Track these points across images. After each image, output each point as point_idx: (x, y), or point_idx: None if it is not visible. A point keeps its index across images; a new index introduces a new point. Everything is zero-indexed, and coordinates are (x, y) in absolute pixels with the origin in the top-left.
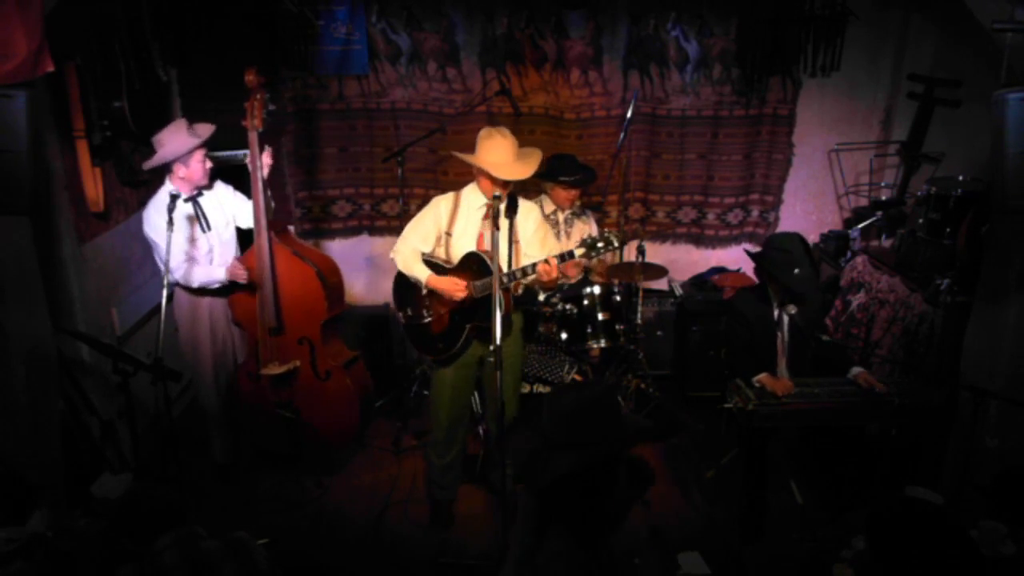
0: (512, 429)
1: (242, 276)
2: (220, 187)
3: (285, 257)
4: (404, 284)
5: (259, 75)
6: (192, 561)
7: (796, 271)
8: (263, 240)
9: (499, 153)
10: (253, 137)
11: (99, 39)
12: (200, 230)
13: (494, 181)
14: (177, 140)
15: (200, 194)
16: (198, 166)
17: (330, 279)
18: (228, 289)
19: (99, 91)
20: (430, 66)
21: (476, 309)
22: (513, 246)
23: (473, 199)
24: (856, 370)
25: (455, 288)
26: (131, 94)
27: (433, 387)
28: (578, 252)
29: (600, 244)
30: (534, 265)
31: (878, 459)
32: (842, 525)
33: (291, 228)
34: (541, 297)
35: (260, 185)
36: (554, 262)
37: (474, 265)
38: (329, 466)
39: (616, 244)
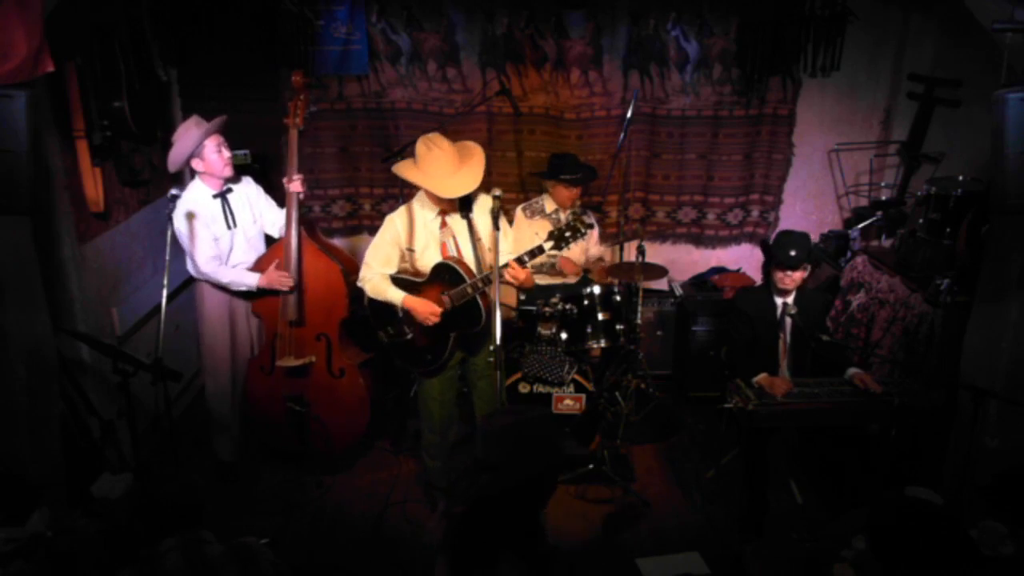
0: (455, 448)
1: (286, 284)
2: (250, 185)
3: (312, 252)
4: (380, 303)
5: (305, 77)
6: (194, 566)
7: (792, 252)
8: (292, 233)
9: (441, 167)
10: (293, 134)
11: (99, 39)
12: (227, 226)
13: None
14: (187, 135)
15: (229, 190)
16: (215, 157)
17: (352, 278)
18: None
19: (99, 91)
20: (430, 66)
21: (458, 318)
22: (476, 244)
23: (426, 211)
24: (852, 371)
25: (428, 312)
26: (131, 94)
27: (421, 394)
28: (547, 246)
29: (567, 233)
30: (505, 266)
31: (878, 459)
32: (842, 525)
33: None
34: (522, 296)
35: (295, 202)
36: (515, 265)
37: (445, 275)
38: (329, 466)
39: (583, 231)
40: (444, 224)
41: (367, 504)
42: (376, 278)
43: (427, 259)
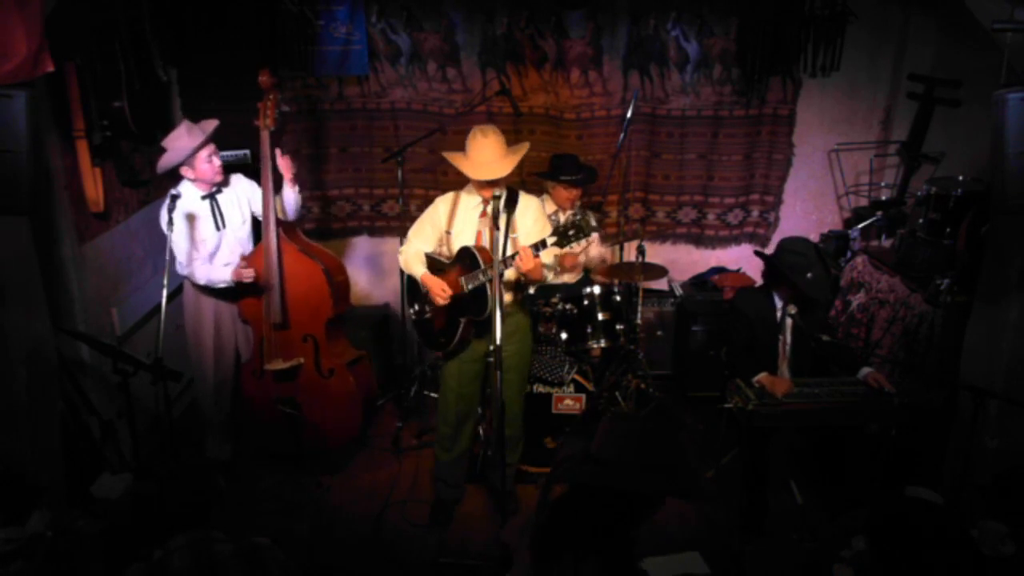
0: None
1: (248, 276)
2: (241, 182)
3: (292, 254)
4: (413, 281)
5: (272, 76)
6: (201, 565)
7: (809, 275)
8: (271, 236)
9: (478, 153)
10: (265, 136)
11: (99, 39)
12: (215, 227)
13: (476, 181)
14: (178, 144)
15: (219, 191)
16: (205, 167)
17: (336, 277)
18: (237, 288)
19: (99, 91)
20: (430, 66)
21: (468, 304)
22: (509, 240)
23: (470, 198)
24: (866, 370)
25: (439, 291)
26: (131, 94)
27: (441, 382)
28: (550, 240)
29: (571, 232)
30: (514, 255)
31: (878, 459)
32: (842, 525)
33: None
34: (531, 290)
35: (270, 183)
36: (528, 251)
37: (466, 260)
38: (329, 466)
39: (587, 232)
40: (484, 214)
41: (367, 504)
42: (411, 253)
43: (460, 243)
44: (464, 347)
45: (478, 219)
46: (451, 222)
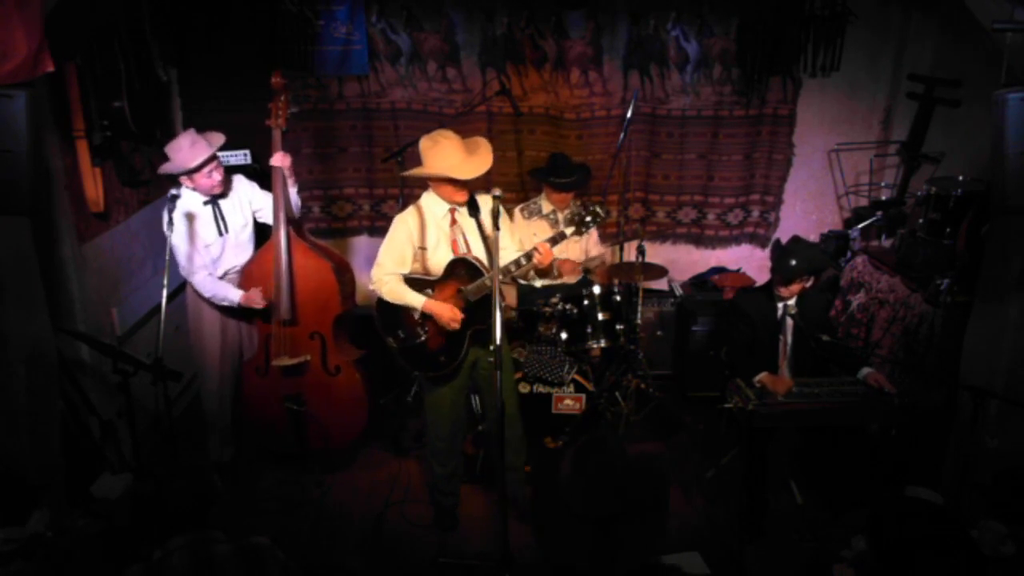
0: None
1: (259, 302)
2: (243, 186)
3: (302, 251)
4: (390, 307)
5: (283, 77)
6: (200, 565)
7: (793, 262)
8: (281, 233)
9: (451, 155)
10: (277, 135)
11: (99, 39)
12: (218, 232)
13: (455, 184)
14: (179, 156)
15: (221, 195)
16: (204, 181)
17: (344, 275)
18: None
19: (99, 91)
20: (430, 66)
21: (473, 313)
22: (487, 241)
23: (436, 209)
24: (866, 370)
25: (450, 318)
26: (131, 94)
27: (429, 400)
28: (568, 231)
29: (588, 219)
30: (529, 255)
31: (878, 459)
32: (842, 525)
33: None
34: (538, 284)
35: (280, 180)
36: (546, 247)
37: (461, 271)
38: (329, 466)
39: (603, 215)
40: (454, 222)
41: (367, 504)
42: (393, 280)
43: (439, 257)
44: (466, 360)
45: (449, 228)
46: (423, 236)
